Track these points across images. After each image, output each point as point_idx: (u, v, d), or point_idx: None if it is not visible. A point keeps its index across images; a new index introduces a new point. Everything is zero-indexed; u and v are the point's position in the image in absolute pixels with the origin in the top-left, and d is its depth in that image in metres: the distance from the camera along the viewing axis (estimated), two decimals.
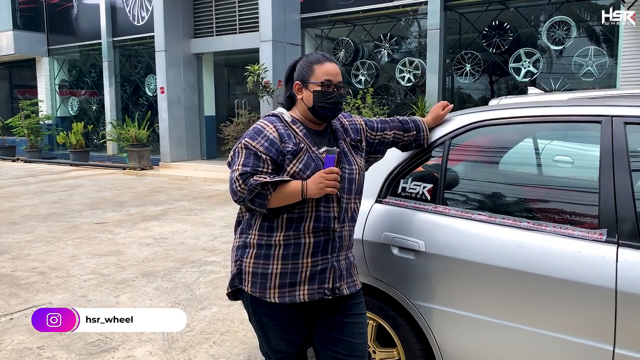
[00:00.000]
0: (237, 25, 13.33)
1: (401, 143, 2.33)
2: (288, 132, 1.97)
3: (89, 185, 11.26)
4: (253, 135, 1.94)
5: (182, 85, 14.18)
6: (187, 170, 13.18)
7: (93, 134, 17.52)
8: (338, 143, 2.07)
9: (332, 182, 1.83)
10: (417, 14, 11.41)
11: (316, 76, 1.99)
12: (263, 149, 1.90)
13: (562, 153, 2.66)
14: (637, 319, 1.87)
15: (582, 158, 2.60)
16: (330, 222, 1.96)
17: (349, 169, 2.02)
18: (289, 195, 1.87)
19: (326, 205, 1.95)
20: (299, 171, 1.91)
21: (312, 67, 2.00)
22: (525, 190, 2.57)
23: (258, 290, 1.97)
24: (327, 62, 2.01)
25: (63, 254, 5.71)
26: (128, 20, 15.70)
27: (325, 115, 2.01)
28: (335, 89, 1.99)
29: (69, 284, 4.69)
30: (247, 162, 1.88)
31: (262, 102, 11.67)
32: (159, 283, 4.72)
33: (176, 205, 8.75)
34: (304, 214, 1.93)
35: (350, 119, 2.22)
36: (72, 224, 7.28)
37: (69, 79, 18.72)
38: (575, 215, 2.17)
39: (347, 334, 2.02)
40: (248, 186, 1.85)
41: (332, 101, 1.99)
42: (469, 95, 11.72)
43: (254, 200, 1.86)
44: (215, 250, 5.84)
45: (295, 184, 1.87)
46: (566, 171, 2.72)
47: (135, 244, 6.17)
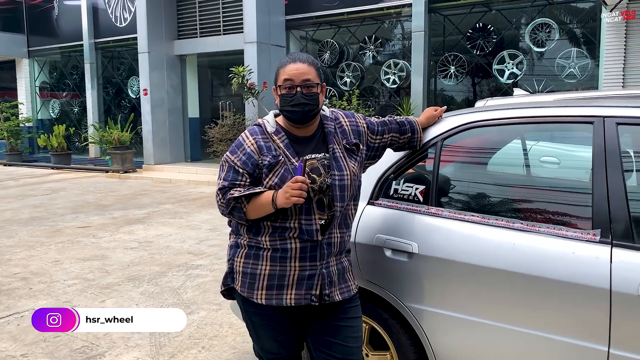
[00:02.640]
0: (221, 27, 13.25)
1: (396, 145, 2.30)
2: (268, 144, 1.94)
3: (71, 188, 11.09)
4: (233, 149, 1.98)
5: (165, 87, 14.06)
6: (171, 173, 13.06)
7: (75, 137, 17.29)
8: (329, 147, 1.99)
9: (296, 192, 1.79)
10: (402, 16, 11.44)
11: (279, 79, 1.96)
12: (240, 163, 1.93)
13: (555, 154, 2.67)
14: (632, 319, 1.87)
15: (575, 159, 2.61)
16: (314, 234, 1.92)
17: (339, 175, 1.95)
18: (262, 206, 1.89)
19: (307, 217, 1.91)
20: (275, 185, 1.90)
21: (278, 71, 1.98)
22: (517, 191, 2.56)
23: (246, 290, 1.98)
24: (290, 63, 1.94)
25: (46, 259, 5.60)
26: (110, 22, 15.51)
27: (296, 119, 1.95)
28: (299, 89, 1.91)
29: (52, 290, 4.60)
30: (227, 177, 1.94)
31: (247, 103, 11.61)
32: (145, 287, 4.65)
33: (160, 208, 8.66)
34: (287, 225, 1.92)
35: (353, 119, 2.13)
36: (54, 228, 7.15)
37: (50, 80, 18.45)
38: (568, 216, 2.17)
39: (341, 337, 2.00)
40: (226, 200, 1.91)
41: (294, 103, 1.91)
42: (453, 97, 11.77)
43: (232, 212, 1.93)
44: (202, 254, 5.77)
45: (267, 195, 1.88)
46: (559, 172, 2.72)
47: (119, 247, 6.07)
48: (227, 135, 11.41)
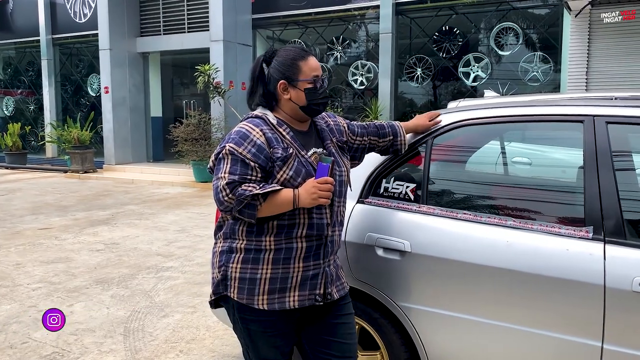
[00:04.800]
0: (185, 25, 13.02)
1: (377, 149, 2.28)
2: (275, 136, 1.86)
3: (29, 189, 10.67)
4: (239, 141, 1.81)
5: (127, 86, 13.70)
6: (133, 173, 12.74)
7: (31, 136, 16.67)
8: (325, 143, 2.00)
9: (326, 193, 1.76)
10: (369, 18, 11.50)
11: (304, 74, 1.90)
12: (250, 156, 1.79)
13: (544, 151, 2.70)
14: (625, 314, 1.90)
15: (565, 157, 2.64)
16: (324, 228, 1.89)
17: (339, 171, 1.95)
18: (280, 205, 1.79)
19: (319, 211, 1.88)
20: (290, 178, 1.82)
21: (296, 64, 1.90)
22: (508, 189, 2.58)
23: (245, 296, 1.86)
24: (309, 57, 1.93)
25: (6, 262, 5.35)
26: (69, 17, 15.03)
27: (317, 111, 1.96)
28: (322, 82, 1.94)
29: (15, 294, 4.39)
30: (234, 170, 1.78)
31: (213, 102, 11.44)
32: (115, 290, 4.49)
33: (125, 209, 8.42)
34: (296, 221, 1.85)
35: (335, 119, 2.15)
36: (13, 230, 6.85)
37: (4, 77, 17.72)
38: (561, 213, 2.19)
39: (339, 335, 1.97)
40: (237, 196, 1.75)
41: (325, 96, 1.95)
42: (419, 99, 11.90)
43: (243, 210, 1.77)
44: (172, 256, 5.63)
45: (286, 193, 1.78)
46: (549, 170, 2.76)
47: (85, 249, 5.86)
48: (193, 134, 11.20)
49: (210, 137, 11.24)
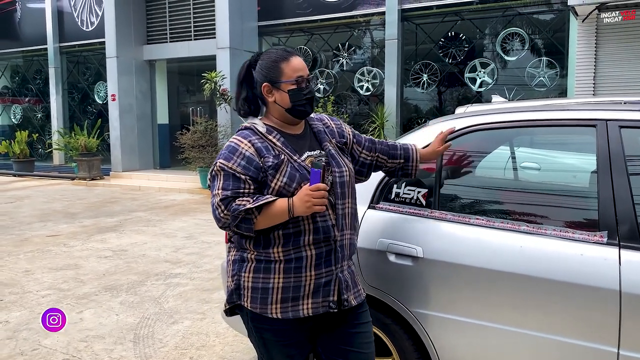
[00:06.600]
0: (192, 32, 13.08)
1: (385, 168, 2.22)
2: (265, 145, 1.84)
3: (37, 196, 10.72)
4: (228, 155, 1.81)
5: (134, 93, 13.77)
6: (139, 180, 12.77)
7: (38, 143, 16.75)
8: (322, 145, 1.96)
9: (319, 200, 1.72)
10: (375, 24, 11.52)
11: (286, 75, 1.87)
12: (240, 169, 1.78)
13: (556, 156, 2.69)
14: None
15: (578, 161, 2.63)
16: (330, 230, 1.85)
17: (339, 172, 1.90)
18: (275, 216, 1.77)
19: (322, 214, 1.84)
20: (285, 185, 1.79)
21: (278, 66, 1.88)
22: (521, 194, 2.57)
23: (259, 305, 1.85)
24: (292, 57, 1.89)
25: (15, 269, 5.37)
26: (76, 26, 15.14)
27: (303, 112, 1.91)
28: (307, 83, 1.90)
29: (25, 301, 4.40)
30: (226, 186, 1.77)
31: (220, 109, 11.48)
32: (124, 297, 4.50)
33: (132, 216, 8.44)
34: (300, 228, 1.82)
35: (338, 122, 2.11)
36: (22, 237, 6.88)
37: (12, 85, 17.87)
38: (574, 217, 2.18)
39: (356, 344, 1.94)
40: (231, 212, 1.74)
41: (309, 97, 1.89)
42: (425, 105, 11.91)
43: (240, 225, 1.77)
44: (180, 262, 5.63)
45: (281, 203, 1.76)
46: (563, 175, 2.75)
47: (93, 256, 5.87)
48: (199, 141, 11.23)
49: (217, 144, 11.26)
